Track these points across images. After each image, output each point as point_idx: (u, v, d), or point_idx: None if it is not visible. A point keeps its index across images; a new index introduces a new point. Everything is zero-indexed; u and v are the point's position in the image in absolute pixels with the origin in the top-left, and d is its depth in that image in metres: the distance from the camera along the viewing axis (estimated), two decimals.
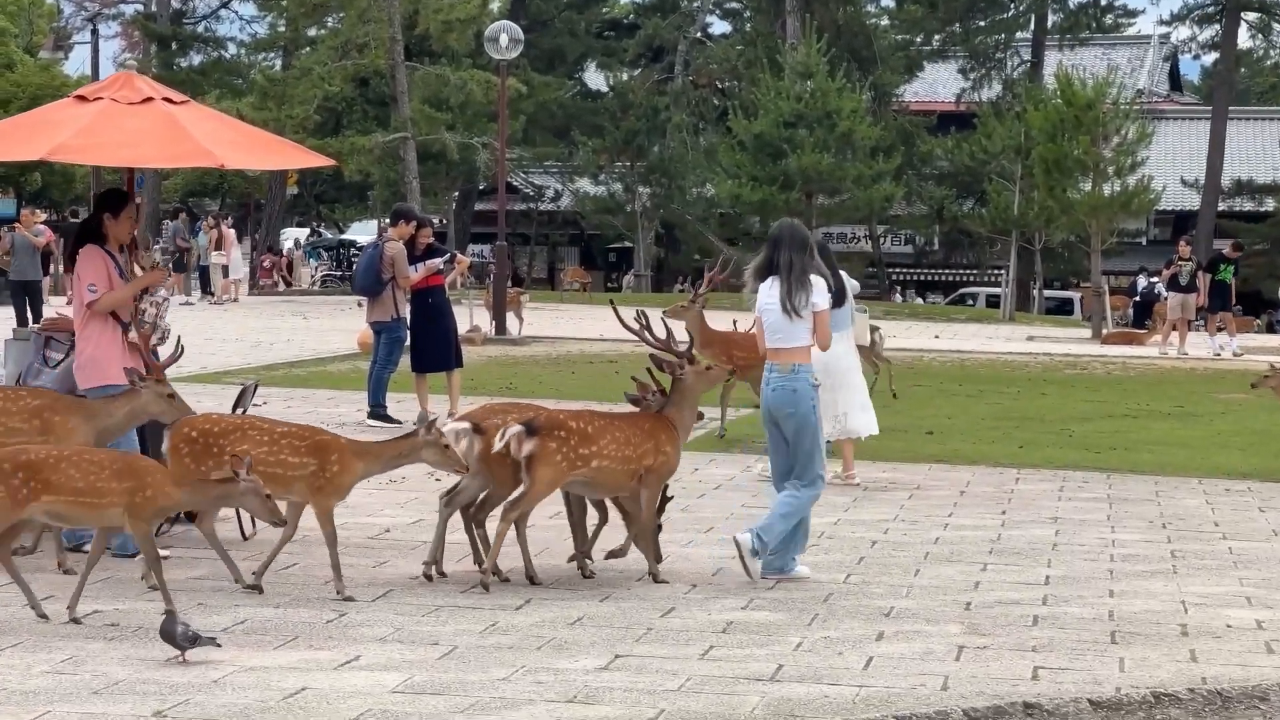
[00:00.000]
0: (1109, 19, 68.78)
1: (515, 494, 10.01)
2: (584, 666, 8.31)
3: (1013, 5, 64.65)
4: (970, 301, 56.97)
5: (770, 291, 10.58)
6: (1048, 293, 56.00)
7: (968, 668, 8.41)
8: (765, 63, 49.81)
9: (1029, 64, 63.71)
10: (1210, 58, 67.73)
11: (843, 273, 14.46)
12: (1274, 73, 71.54)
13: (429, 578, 10.16)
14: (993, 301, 51.84)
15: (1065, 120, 39.25)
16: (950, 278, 65.32)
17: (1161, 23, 67.67)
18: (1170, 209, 62.94)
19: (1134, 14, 76.92)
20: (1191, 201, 62.54)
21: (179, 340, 10.97)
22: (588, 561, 10.51)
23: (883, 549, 11.44)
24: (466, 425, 10.17)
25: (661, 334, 10.75)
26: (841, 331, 14.05)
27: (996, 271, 55.87)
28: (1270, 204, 62.10)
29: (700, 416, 10.82)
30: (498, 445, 9.86)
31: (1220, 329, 32.91)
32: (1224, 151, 60.59)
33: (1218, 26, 62.99)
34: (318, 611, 9.32)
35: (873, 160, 48.23)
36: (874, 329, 21.05)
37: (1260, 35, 66.34)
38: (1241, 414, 21.31)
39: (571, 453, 9.91)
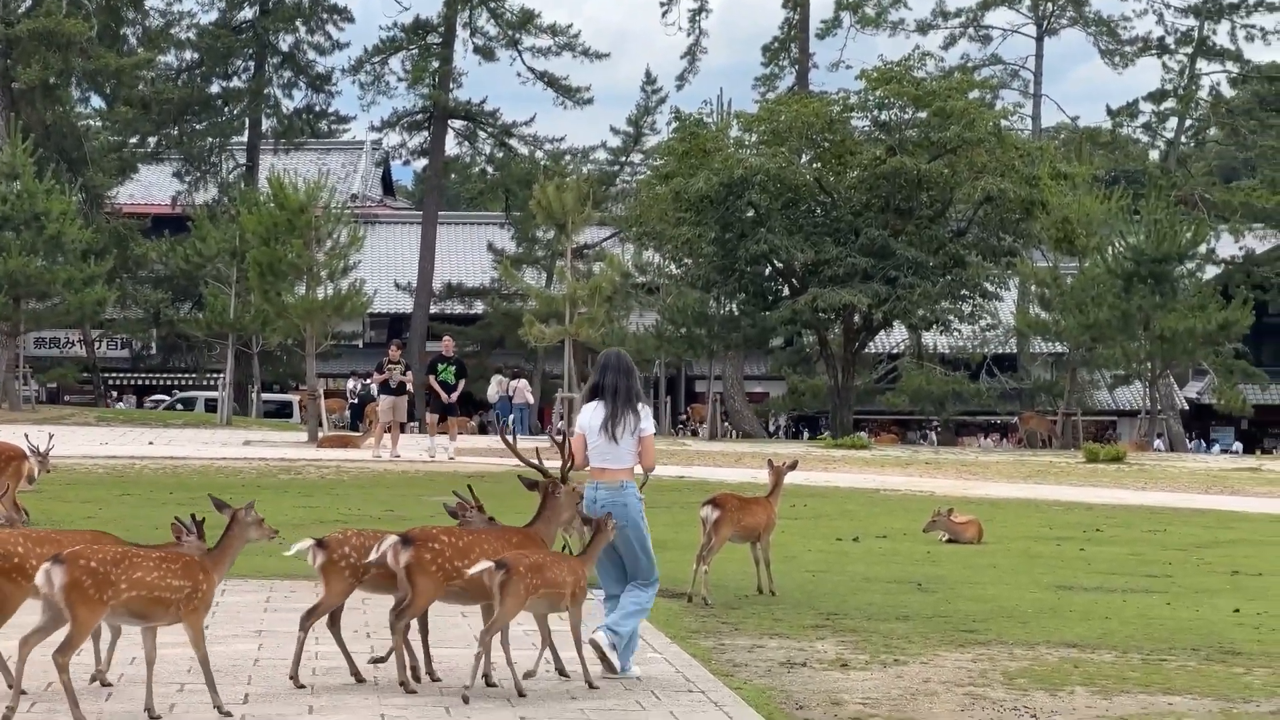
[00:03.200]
0: (323, 125, 69.94)
1: (400, 604, 10.63)
2: None
3: (228, 109, 64.90)
4: (189, 406, 56.40)
5: (595, 414, 11.45)
6: (266, 396, 56.05)
7: None
8: None
9: (245, 167, 64.08)
10: (421, 163, 69.71)
11: None
12: (482, 179, 74.18)
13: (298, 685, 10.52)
14: (212, 405, 51.51)
15: (279, 224, 39.51)
16: (169, 382, 64.60)
17: (374, 129, 69.33)
18: (385, 311, 64.52)
19: (347, 120, 78.57)
20: (405, 304, 64.20)
21: None
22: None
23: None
24: (310, 541, 10.80)
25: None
26: None
27: (215, 375, 55.59)
28: (480, 306, 64.40)
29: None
30: (373, 556, 10.56)
31: (442, 431, 32.98)
32: (435, 255, 62.44)
33: (426, 133, 64.98)
34: None
35: (85, 263, 47.20)
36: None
37: (467, 142, 68.82)
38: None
39: (446, 564, 10.61)
